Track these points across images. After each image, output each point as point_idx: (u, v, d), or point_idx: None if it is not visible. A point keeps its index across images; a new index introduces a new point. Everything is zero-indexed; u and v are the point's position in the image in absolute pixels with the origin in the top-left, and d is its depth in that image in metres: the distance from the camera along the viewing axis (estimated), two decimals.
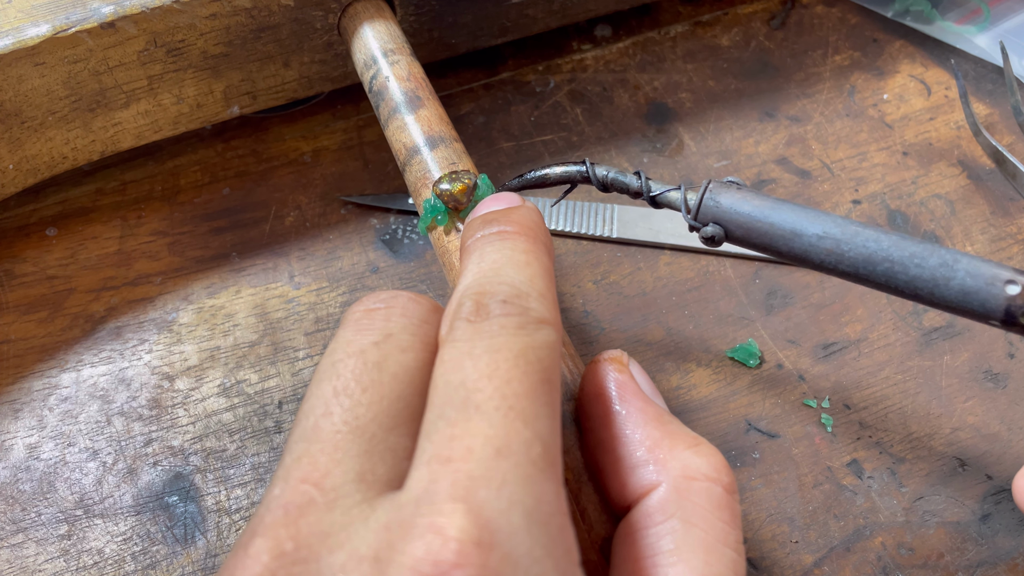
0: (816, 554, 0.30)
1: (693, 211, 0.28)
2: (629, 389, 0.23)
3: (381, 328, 0.21)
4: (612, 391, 0.23)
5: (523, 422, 0.18)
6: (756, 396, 0.34)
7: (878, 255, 0.25)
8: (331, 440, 0.18)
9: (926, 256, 0.25)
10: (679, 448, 0.21)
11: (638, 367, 0.24)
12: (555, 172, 0.30)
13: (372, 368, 0.20)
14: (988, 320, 0.24)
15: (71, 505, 0.31)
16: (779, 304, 0.36)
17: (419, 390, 0.20)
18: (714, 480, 0.21)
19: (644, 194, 0.28)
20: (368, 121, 0.41)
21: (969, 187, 0.39)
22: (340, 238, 0.38)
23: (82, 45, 0.32)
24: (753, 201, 0.27)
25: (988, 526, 0.31)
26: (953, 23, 0.44)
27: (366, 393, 0.19)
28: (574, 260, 0.37)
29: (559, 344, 0.20)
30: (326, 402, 0.19)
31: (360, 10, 0.35)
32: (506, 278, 0.21)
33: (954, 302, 0.25)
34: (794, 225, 0.26)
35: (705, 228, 0.28)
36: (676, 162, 0.40)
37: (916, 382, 0.34)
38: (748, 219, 0.27)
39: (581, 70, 0.43)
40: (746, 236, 0.27)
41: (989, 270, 0.24)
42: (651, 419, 0.22)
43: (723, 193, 0.27)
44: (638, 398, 0.22)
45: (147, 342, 0.35)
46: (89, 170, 0.39)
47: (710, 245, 0.28)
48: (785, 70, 0.44)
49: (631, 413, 0.22)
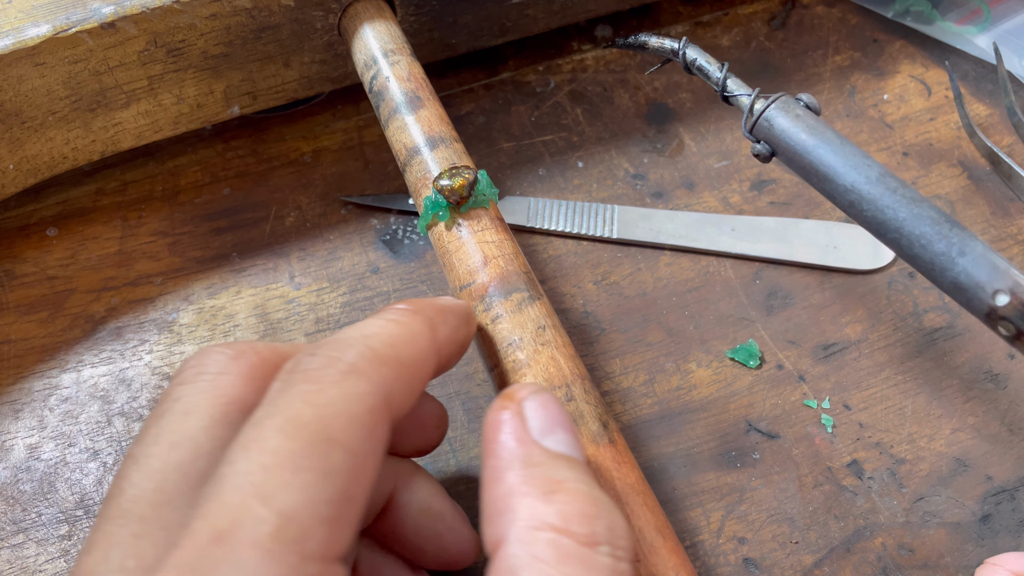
0: (816, 554, 0.30)
1: (749, 125, 0.29)
2: (505, 429, 0.20)
3: (170, 393, 0.20)
4: (488, 433, 0.21)
5: (260, 499, 0.16)
6: (756, 397, 0.34)
7: (890, 224, 0.26)
8: (102, 527, 0.18)
9: (933, 240, 0.25)
10: (531, 496, 0.19)
11: (543, 400, 0.21)
12: (652, 43, 0.33)
13: (149, 440, 0.19)
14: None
15: (72, 505, 0.31)
16: (779, 305, 0.36)
17: (207, 451, 0.19)
18: (561, 531, 0.18)
19: (718, 90, 0.30)
20: (368, 121, 0.41)
21: (969, 188, 0.39)
22: (340, 238, 0.38)
23: (82, 45, 0.32)
24: (803, 132, 0.28)
25: (988, 527, 0.31)
26: (953, 23, 0.44)
27: (138, 471, 0.18)
28: (574, 260, 0.37)
29: (376, 395, 0.19)
30: (113, 482, 0.19)
31: (360, 10, 0.35)
32: (343, 333, 0.20)
33: (945, 289, 0.26)
34: (828, 169, 0.27)
35: (755, 144, 0.29)
36: (676, 162, 0.40)
37: (916, 382, 0.34)
38: (793, 148, 0.28)
39: (581, 70, 0.43)
40: (788, 162, 0.29)
41: (986, 274, 0.24)
42: (515, 462, 0.19)
43: (780, 116, 0.29)
44: (512, 439, 0.20)
45: (148, 342, 0.35)
46: (89, 170, 0.39)
47: (759, 160, 0.29)
48: (785, 70, 0.44)
49: (498, 457, 0.20)
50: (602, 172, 0.40)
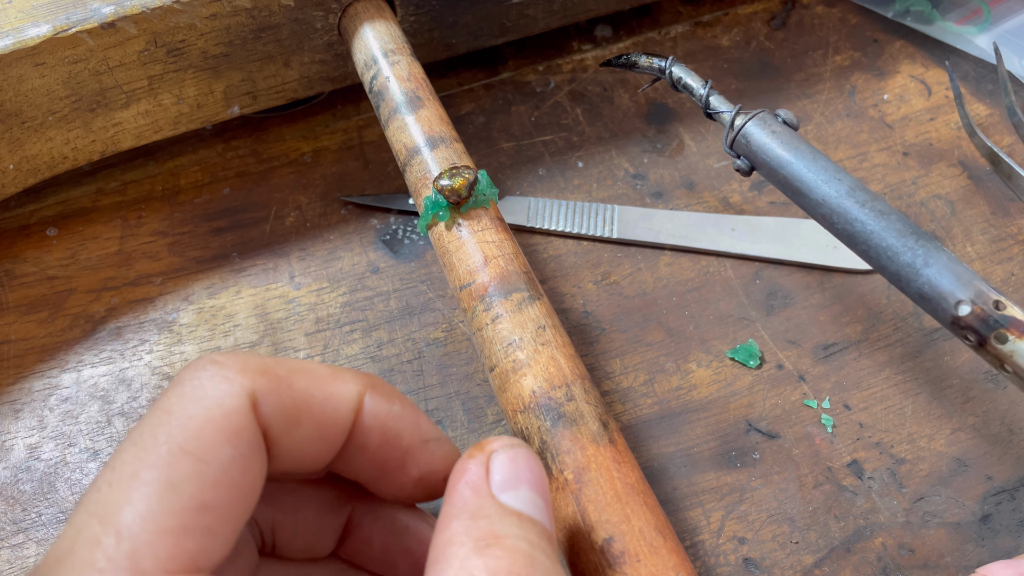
0: (816, 554, 0.30)
1: (729, 140, 0.30)
2: (465, 478, 0.20)
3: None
4: (450, 480, 0.20)
5: (99, 518, 0.16)
6: (756, 397, 0.34)
7: (859, 236, 0.27)
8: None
9: (899, 252, 0.26)
10: (466, 547, 0.18)
11: (513, 455, 0.20)
12: (641, 62, 0.34)
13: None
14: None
15: (72, 505, 0.31)
16: (779, 305, 0.36)
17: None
18: None
19: (702, 106, 0.31)
20: (368, 121, 0.41)
21: (969, 187, 0.39)
22: (340, 238, 0.38)
23: (82, 45, 0.32)
24: (778, 148, 0.29)
25: (988, 527, 0.31)
26: (953, 23, 0.44)
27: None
28: (574, 260, 0.37)
29: (238, 396, 0.18)
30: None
31: (360, 10, 0.35)
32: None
33: (912, 299, 0.27)
34: (801, 184, 0.28)
35: (735, 160, 0.30)
36: (676, 162, 0.40)
37: (916, 382, 0.34)
38: (768, 163, 0.29)
39: (581, 70, 0.43)
40: (767, 176, 0.30)
41: (948, 286, 0.25)
42: (463, 513, 0.19)
43: (757, 131, 0.29)
44: (468, 488, 0.20)
45: (147, 342, 0.35)
46: (89, 170, 0.39)
47: (740, 174, 0.31)
48: (785, 70, 0.44)
49: (451, 504, 0.19)
50: (602, 172, 0.40)
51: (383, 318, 0.35)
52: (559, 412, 0.24)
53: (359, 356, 0.34)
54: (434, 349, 0.35)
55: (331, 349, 0.35)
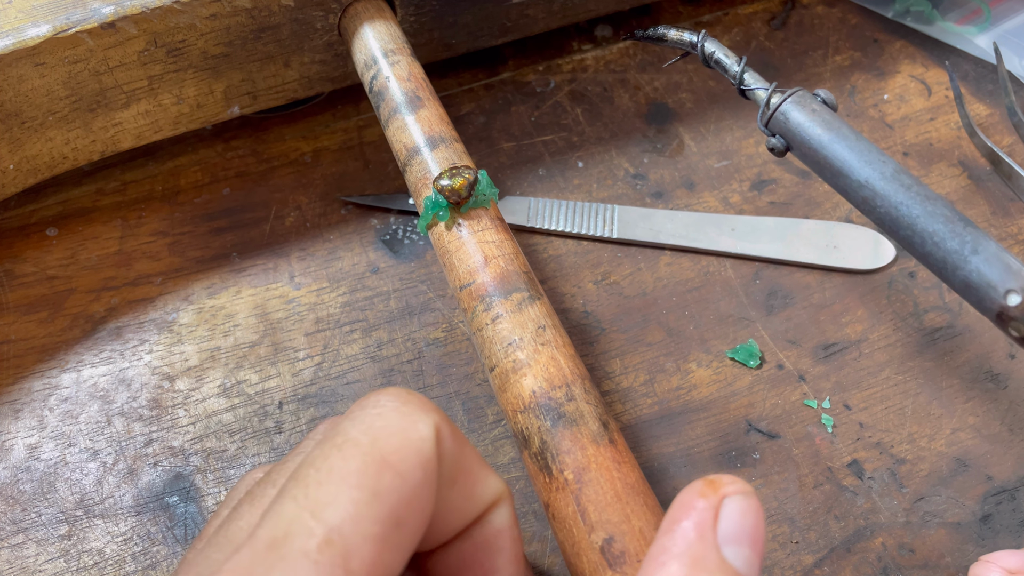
0: (817, 554, 0.30)
1: (765, 119, 0.29)
2: (693, 517, 0.20)
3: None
4: (675, 511, 0.20)
5: (311, 512, 0.17)
6: (756, 397, 0.34)
7: (904, 220, 0.26)
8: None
9: (946, 238, 0.25)
10: None
11: (745, 507, 0.20)
12: (671, 35, 0.33)
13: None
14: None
15: (71, 505, 0.31)
16: (779, 304, 0.36)
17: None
18: None
19: (735, 83, 0.31)
20: (368, 121, 0.41)
21: (970, 187, 0.39)
22: (340, 238, 0.38)
23: (82, 45, 0.32)
24: (818, 127, 0.28)
25: (989, 527, 0.31)
26: (953, 23, 0.44)
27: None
28: (574, 260, 0.37)
29: (431, 427, 0.19)
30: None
31: (360, 10, 0.35)
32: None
33: (955, 288, 0.25)
34: (843, 165, 0.27)
35: (770, 138, 0.29)
36: (676, 162, 0.40)
37: (917, 382, 0.34)
38: (808, 143, 0.28)
39: (581, 70, 0.43)
40: (803, 157, 0.29)
41: (998, 274, 0.24)
42: (686, 556, 0.19)
43: (796, 110, 0.28)
44: (694, 530, 0.19)
45: (147, 342, 0.35)
46: (89, 170, 0.39)
47: (774, 154, 0.30)
48: (785, 70, 0.44)
49: (673, 540, 0.19)
50: (602, 172, 0.40)
51: (383, 318, 0.35)
52: (559, 412, 0.24)
53: (359, 356, 0.34)
54: (434, 349, 0.35)
55: (331, 349, 0.35)
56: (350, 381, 0.34)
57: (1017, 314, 0.24)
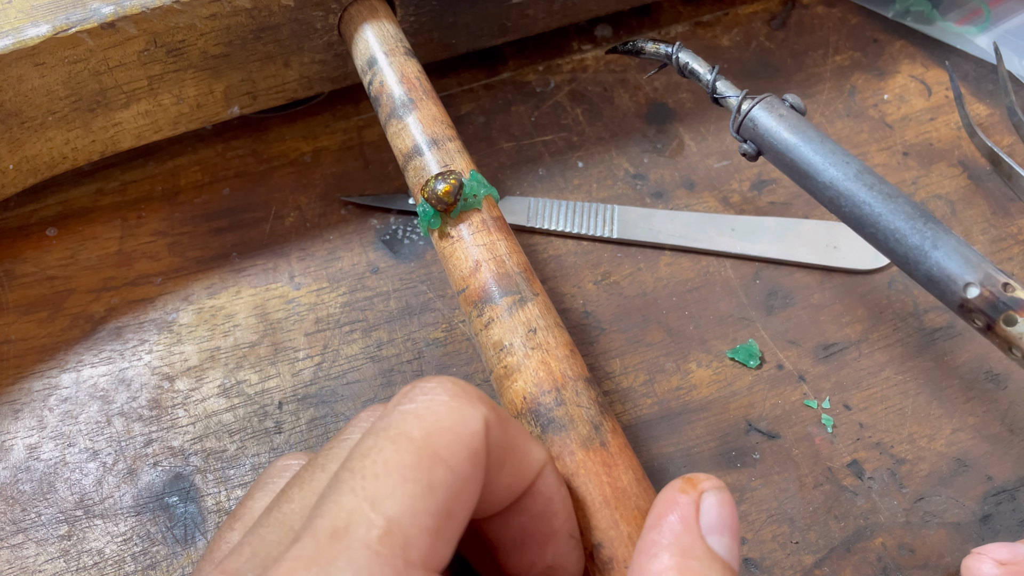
0: (816, 555, 0.30)
1: (736, 125, 0.30)
2: (677, 511, 0.21)
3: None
4: (659, 508, 0.21)
5: (370, 503, 0.17)
6: (756, 397, 0.34)
7: (867, 219, 0.27)
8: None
9: (908, 235, 0.26)
10: None
11: (722, 499, 0.22)
12: (648, 48, 0.34)
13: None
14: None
15: (71, 505, 0.31)
16: (779, 305, 0.36)
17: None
18: None
19: (709, 91, 0.31)
20: (368, 121, 0.41)
21: (970, 187, 0.39)
22: (340, 238, 0.38)
23: (82, 45, 0.32)
24: (785, 131, 0.29)
25: (989, 527, 0.31)
26: (954, 23, 0.44)
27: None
28: (574, 260, 0.37)
29: (480, 420, 0.19)
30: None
31: (360, 10, 0.35)
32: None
33: (919, 282, 0.26)
34: (808, 167, 0.28)
35: (742, 144, 0.30)
36: (676, 162, 0.40)
37: (916, 382, 0.34)
38: (776, 147, 0.29)
39: (581, 70, 0.43)
40: (773, 160, 0.30)
41: (958, 267, 0.25)
42: (675, 547, 0.20)
43: (764, 115, 0.29)
44: (680, 523, 0.21)
45: (147, 342, 0.35)
46: (89, 170, 0.39)
47: (747, 159, 0.31)
48: (785, 70, 0.44)
49: (661, 534, 0.21)
50: (602, 172, 0.40)
51: (383, 318, 0.35)
52: (549, 417, 0.24)
53: (359, 356, 0.34)
54: (434, 349, 0.35)
55: (331, 349, 0.35)
56: (350, 381, 0.34)
57: (976, 305, 0.25)
